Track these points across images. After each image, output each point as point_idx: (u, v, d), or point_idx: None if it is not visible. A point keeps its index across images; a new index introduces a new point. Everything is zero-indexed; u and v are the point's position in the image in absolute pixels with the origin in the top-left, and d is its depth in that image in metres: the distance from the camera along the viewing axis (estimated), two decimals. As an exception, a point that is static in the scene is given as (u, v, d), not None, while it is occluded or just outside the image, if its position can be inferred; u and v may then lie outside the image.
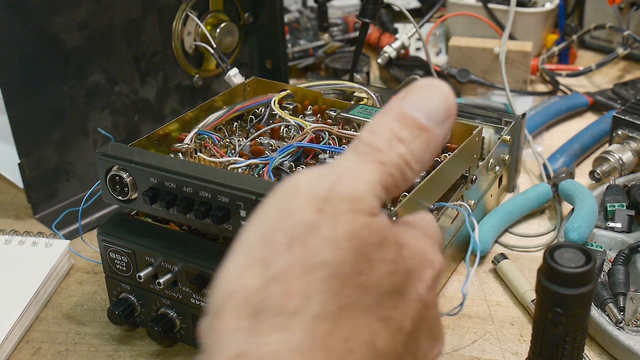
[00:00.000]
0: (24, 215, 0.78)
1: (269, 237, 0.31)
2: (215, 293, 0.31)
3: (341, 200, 0.31)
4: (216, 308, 0.30)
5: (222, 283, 0.31)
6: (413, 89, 0.35)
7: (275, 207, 0.32)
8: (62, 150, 0.76)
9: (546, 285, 0.43)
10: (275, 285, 0.29)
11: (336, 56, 1.05)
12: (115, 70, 0.79)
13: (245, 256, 0.31)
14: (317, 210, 0.31)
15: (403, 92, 0.35)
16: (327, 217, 0.31)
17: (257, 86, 0.77)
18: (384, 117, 0.34)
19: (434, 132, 0.34)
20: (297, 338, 0.29)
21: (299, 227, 0.31)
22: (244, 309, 0.29)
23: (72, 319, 0.64)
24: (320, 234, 0.31)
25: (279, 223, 0.31)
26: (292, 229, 0.31)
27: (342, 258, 0.30)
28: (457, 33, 1.09)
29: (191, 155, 0.63)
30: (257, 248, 0.31)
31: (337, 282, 0.30)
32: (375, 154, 0.33)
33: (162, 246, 0.56)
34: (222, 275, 0.31)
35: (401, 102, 0.35)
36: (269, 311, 0.29)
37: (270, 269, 0.30)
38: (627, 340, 0.55)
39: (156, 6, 0.81)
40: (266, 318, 0.29)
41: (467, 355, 0.58)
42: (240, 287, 0.30)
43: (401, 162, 0.33)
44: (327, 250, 0.30)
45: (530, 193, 0.74)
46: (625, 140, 0.78)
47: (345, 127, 0.66)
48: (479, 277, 0.67)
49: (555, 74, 1.03)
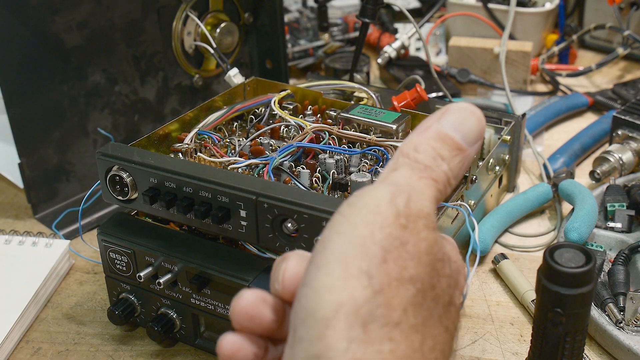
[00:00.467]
0: (24, 215, 0.78)
1: (367, 250, 0.32)
2: (316, 302, 0.31)
3: (418, 217, 0.33)
4: (319, 318, 0.31)
5: (321, 294, 0.31)
6: (449, 110, 0.37)
7: (363, 220, 0.33)
8: (62, 150, 0.76)
9: (546, 285, 0.43)
10: (380, 297, 0.31)
11: (336, 56, 1.05)
12: (115, 70, 0.79)
13: (344, 267, 0.32)
14: (401, 226, 0.33)
15: (439, 113, 0.37)
16: (411, 233, 0.33)
17: (257, 86, 0.77)
18: (423, 135, 0.36)
19: (468, 152, 0.37)
20: (402, 348, 0.31)
21: (390, 241, 0.32)
22: (355, 319, 0.31)
23: (72, 319, 0.64)
24: (407, 250, 0.32)
25: (373, 236, 0.32)
26: (384, 242, 0.32)
27: (423, 273, 0.33)
28: (457, 33, 1.09)
29: (191, 155, 0.63)
30: (357, 259, 0.32)
31: (421, 295, 0.32)
32: (427, 171, 0.35)
33: (162, 246, 0.56)
34: (320, 284, 0.32)
35: (439, 122, 0.37)
36: (378, 322, 0.31)
37: (374, 280, 0.31)
38: (627, 340, 0.55)
39: (156, 6, 0.81)
40: (375, 328, 0.31)
41: (467, 355, 0.58)
42: (347, 298, 0.31)
43: (446, 179, 0.36)
44: (413, 266, 0.32)
45: (530, 193, 0.74)
46: (625, 140, 0.78)
47: (345, 127, 0.66)
48: (479, 277, 0.67)
49: (555, 74, 1.03)
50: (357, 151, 0.62)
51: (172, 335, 0.58)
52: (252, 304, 0.36)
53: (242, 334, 0.37)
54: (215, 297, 0.55)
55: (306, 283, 0.32)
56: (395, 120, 0.65)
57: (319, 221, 0.49)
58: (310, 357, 0.31)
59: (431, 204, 0.35)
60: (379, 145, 0.62)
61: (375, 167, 0.60)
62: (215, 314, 0.55)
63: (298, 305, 0.32)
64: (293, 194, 0.50)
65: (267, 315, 0.36)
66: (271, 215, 0.50)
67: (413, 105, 0.74)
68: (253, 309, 0.36)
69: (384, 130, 0.65)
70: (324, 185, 0.59)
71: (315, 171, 0.60)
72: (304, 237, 0.50)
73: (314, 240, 0.47)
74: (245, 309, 0.36)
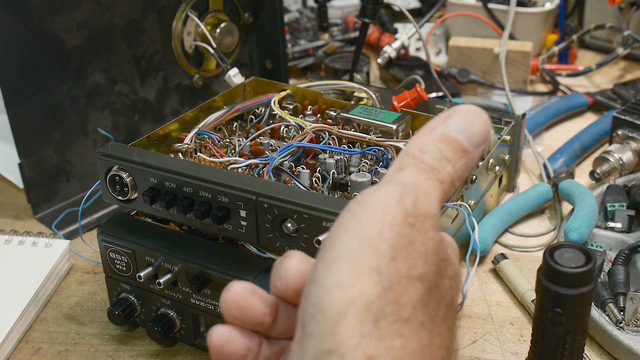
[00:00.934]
0: (24, 215, 0.78)
1: (377, 248, 0.32)
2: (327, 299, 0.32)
3: (425, 217, 0.34)
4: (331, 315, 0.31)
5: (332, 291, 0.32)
6: (456, 112, 0.37)
7: (372, 219, 0.33)
8: (62, 150, 0.76)
9: (546, 285, 0.43)
10: (390, 294, 0.31)
11: (336, 56, 1.05)
12: (115, 70, 0.79)
13: (354, 264, 0.32)
14: (409, 225, 0.33)
15: (445, 114, 0.37)
16: (419, 232, 0.33)
17: (257, 86, 0.77)
18: (429, 137, 0.37)
19: (473, 154, 0.37)
20: (412, 344, 0.31)
21: (399, 240, 0.33)
22: (367, 315, 0.31)
23: (72, 319, 0.64)
24: (415, 249, 0.33)
25: (382, 234, 0.33)
26: (394, 241, 0.32)
27: (430, 273, 0.33)
28: (457, 33, 1.09)
29: (191, 155, 0.63)
30: (367, 257, 0.32)
31: (428, 294, 0.33)
32: (433, 172, 0.36)
33: (162, 246, 0.56)
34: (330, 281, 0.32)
35: (445, 123, 0.37)
36: (389, 318, 0.31)
37: (384, 278, 0.32)
38: (627, 340, 0.55)
39: (156, 6, 0.81)
40: (386, 324, 0.31)
41: (467, 355, 0.58)
42: (358, 294, 0.31)
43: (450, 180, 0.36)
44: (421, 265, 0.33)
45: (530, 193, 0.74)
46: (625, 140, 0.78)
47: (345, 127, 0.66)
48: (479, 277, 0.67)
49: (555, 74, 1.03)
50: (357, 151, 0.62)
51: (172, 335, 0.58)
52: (242, 294, 0.36)
53: (233, 326, 0.37)
54: (215, 297, 0.55)
55: (315, 280, 0.32)
56: (395, 120, 0.65)
57: (319, 221, 0.49)
58: (322, 352, 0.31)
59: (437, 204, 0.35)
60: (379, 145, 0.62)
61: (375, 167, 0.60)
62: (215, 314, 0.55)
63: (307, 302, 0.32)
64: (293, 194, 0.50)
65: (257, 306, 0.36)
66: (271, 215, 0.50)
67: (413, 105, 0.74)
68: (242, 300, 0.36)
69: (384, 130, 0.65)
70: (324, 185, 0.59)
71: (315, 171, 0.60)
72: (304, 237, 0.50)
73: (314, 240, 0.47)
74: (235, 299, 0.36)
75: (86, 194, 0.65)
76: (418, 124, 0.68)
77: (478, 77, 1.00)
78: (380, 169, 0.60)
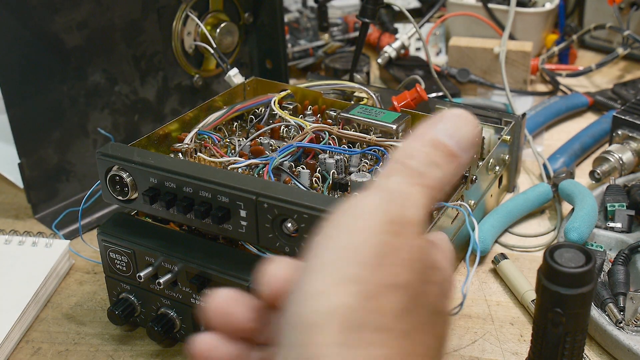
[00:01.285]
0: (24, 215, 0.78)
1: (357, 256, 0.32)
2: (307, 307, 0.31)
3: (410, 224, 0.33)
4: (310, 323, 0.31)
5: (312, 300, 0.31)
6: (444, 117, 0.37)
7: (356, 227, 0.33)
8: (62, 150, 0.76)
9: (546, 285, 0.43)
10: (371, 303, 0.31)
11: (336, 56, 1.05)
12: (115, 70, 0.79)
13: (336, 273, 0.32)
14: (394, 233, 0.33)
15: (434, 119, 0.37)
16: (404, 240, 0.33)
17: (257, 86, 0.77)
18: (418, 142, 0.36)
19: (462, 159, 0.37)
20: (393, 353, 0.31)
21: (382, 248, 0.32)
22: (347, 324, 0.31)
23: (72, 319, 0.64)
24: (399, 256, 0.32)
25: (365, 242, 0.32)
26: (377, 249, 0.32)
27: (414, 280, 0.33)
28: (457, 33, 1.09)
29: (191, 155, 0.63)
30: (349, 265, 0.32)
31: (412, 302, 0.32)
32: (421, 177, 0.35)
33: (162, 246, 0.56)
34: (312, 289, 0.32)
35: (434, 128, 0.37)
36: (368, 327, 0.31)
37: (364, 287, 0.31)
38: (627, 340, 0.55)
39: (156, 6, 0.81)
40: (367, 333, 0.31)
41: (467, 355, 0.58)
42: (339, 303, 0.31)
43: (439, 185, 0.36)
44: (405, 272, 0.32)
45: (530, 193, 0.74)
46: (625, 140, 0.78)
47: (345, 127, 0.66)
48: (479, 277, 0.67)
49: (555, 74, 1.03)
50: (357, 151, 0.62)
51: (172, 335, 0.58)
52: (225, 301, 0.36)
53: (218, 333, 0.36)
54: (215, 297, 0.54)
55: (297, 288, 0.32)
56: (395, 120, 0.65)
57: (319, 221, 0.48)
58: None
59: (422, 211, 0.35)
60: (379, 145, 0.62)
61: (375, 167, 0.60)
62: (215, 314, 0.55)
63: (289, 310, 0.32)
64: (293, 194, 0.50)
65: (241, 312, 0.36)
66: (271, 215, 0.50)
67: (413, 105, 0.74)
68: (226, 306, 0.36)
69: (384, 130, 0.65)
70: (324, 185, 0.59)
71: (315, 171, 0.60)
72: (304, 237, 0.50)
73: None
74: (219, 305, 0.36)
75: (86, 194, 0.65)
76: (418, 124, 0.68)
77: (478, 77, 1.00)
78: (380, 169, 0.60)
